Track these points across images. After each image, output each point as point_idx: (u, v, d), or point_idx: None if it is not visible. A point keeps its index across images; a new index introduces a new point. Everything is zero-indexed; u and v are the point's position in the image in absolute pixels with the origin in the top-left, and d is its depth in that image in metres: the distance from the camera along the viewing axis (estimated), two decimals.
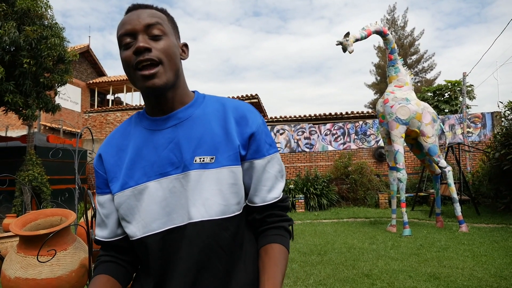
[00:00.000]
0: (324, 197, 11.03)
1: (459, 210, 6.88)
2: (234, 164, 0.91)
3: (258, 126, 0.95)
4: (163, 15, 0.94)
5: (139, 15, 0.90)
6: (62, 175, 10.63)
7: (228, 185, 0.90)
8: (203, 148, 0.91)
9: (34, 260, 1.82)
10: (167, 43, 0.90)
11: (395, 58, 7.11)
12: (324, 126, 12.67)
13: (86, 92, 20.32)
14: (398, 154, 6.85)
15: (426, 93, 16.02)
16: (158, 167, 0.91)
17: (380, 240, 6.19)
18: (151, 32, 0.89)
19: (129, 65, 0.89)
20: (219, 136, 0.92)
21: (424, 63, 29.14)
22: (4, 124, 16.24)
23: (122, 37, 0.89)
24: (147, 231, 0.90)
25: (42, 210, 2.11)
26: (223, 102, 0.99)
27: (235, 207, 0.92)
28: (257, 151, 0.94)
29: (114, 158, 0.97)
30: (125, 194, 0.92)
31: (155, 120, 0.95)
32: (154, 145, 0.93)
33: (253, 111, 0.98)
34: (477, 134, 11.73)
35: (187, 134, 0.92)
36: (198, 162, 0.89)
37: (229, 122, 0.94)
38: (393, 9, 29.81)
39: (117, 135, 1.01)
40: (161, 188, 0.90)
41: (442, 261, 4.74)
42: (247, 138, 0.93)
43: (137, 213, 0.91)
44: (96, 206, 1.03)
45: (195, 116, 0.95)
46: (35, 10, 7.83)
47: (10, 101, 7.63)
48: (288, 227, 0.99)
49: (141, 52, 0.86)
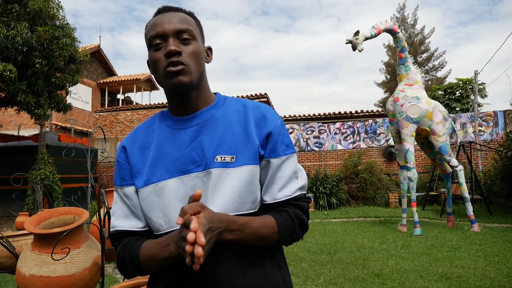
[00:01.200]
0: (333, 196, 11.00)
1: (471, 209, 6.80)
2: (253, 163, 0.94)
3: (276, 126, 0.98)
4: (192, 19, 0.99)
5: (170, 19, 0.94)
6: (73, 173, 10.74)
7: (245, 183, 0.92)
8: (224, 148, 0.93)
9: (48, 258, 1.85)
10: (195, 47, 0.95)
11: (405, 56, 7.05)
12: (333, 125, 12.62)
13: (97, 92, 20.50)
14: (409, 153, 6.79)
15: (437, 91, 15.85)
16: (180, 165, 0.94)
17: (390, 240, 6.15)
18: (181, 36, 0.93)
19: (157, 66, 0.93)
20: (239, 137, 0.95)
21: (434, 61, 28.83)
22: (16, 123, 16.47)
23: (153, 39, 0.94)
24: (170, 226, 0.92)
25: (55, 208, 2.14)
26: (244, 104, 1.02)
27: (249, 205, 0.94)
28: (273, 150, 0.96)
29: (138, 154, 1.00)
30: (147, 190, 0.95)
31: (179, 120, 0.99)
32: (176, 143, 0.96)
33: (272, 112, 1.00)
34: (489, 133, 11.58)
35: (209, 134, 0.95)
36: (219, 161, 0.92)
37: (249, 122, 0.97)
38: (402, 7, 29.54)
39: (140, 132, 1.04)
40: (183, 186, 0.93)
41: (453, 261, 4.70)
42: (264, 137, 0.96)
43: (158, 209, 0.94)
44: (114, 200, 1.04)
45: (217, 117, 0.98)
46: (47, 11, 7.92)
47: (22, 101, 7.73)
48: (293, 214, 0.96)
49: (172, 55, 0.91)
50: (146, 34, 0.98)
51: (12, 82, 7.34)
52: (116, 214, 1.01)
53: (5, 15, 7.51)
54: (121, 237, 0.98)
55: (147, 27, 0.98)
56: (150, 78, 21.99)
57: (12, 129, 16.63)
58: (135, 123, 14.68)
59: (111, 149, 14.37)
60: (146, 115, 14.63)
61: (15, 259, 2.33)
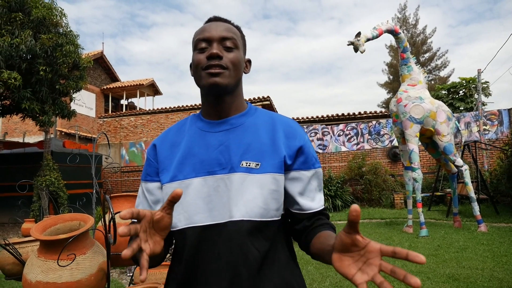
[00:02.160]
0: (338, 198, 10.97)
1: (477, 209, 6.76)
2: (277, 172, 0.98)
3: (305, 141, 1.04)
4: (237, 31, 1.06)
5: (217, 26, 1.02)
6: (78, 179, 10.79)
7: (270, 190, 0.96)
8: (250, 154, 0.99)
9: (54, 264, 1.85)
10: (236, 55, 1.01)
11: (407, 56, 7.03)
12: (337, 127, 12.60)
13: (101, 98, 20.61)
14: (413, 154, 6.77)
15: (440, 91, 15.79)
16: (207, 165, 0.99)
17: (396, 241, 6.12)
18: (225, 44, 1.00)
19: (198, 66, 0.99)
20: (266, 145, 1.00)
21: (437, 60, 28.75)
22: (21, 130, 16.58)
23: (199, 42, 1.01)
24: (189, 223, 0.96)
25: (61, 215, 2.15)
26: (272, 116, 1.08)
27: (274, 212, 0.97)
28: (305, 162, 1.02)
29: (167, 152, 1.06)
30: (173, 186, 1.00)
31: (210, 123, 1.05)
32: (205, 145, 1.02)
33: (300, 128, 1.08)
34: (494, 132, 11.52)
35: (237, 140, 1.01)
36: (244, 166, 0.97)
37: (278, 133, 1.02)
38: (404, 8, 29.51)
39: (171, 132, 1.11)
40: (206, 185, 0.97)
41: (461, 262, 4.66)
42: (295, 150, 1.01)
43: (180, 205, 0.97)
44: (139, 194, 1.09)
45: (247, 124, 1.04)
46: (50, 19, 7.99)
47: (27, 108, 7.79)
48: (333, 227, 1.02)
49: (214, 57, 0.97)
50: (193, 38, 1.05)
51: (16, 89, 7.40)
52: (139, 207, 1.04)
53: (9, 23, 7.58)
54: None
55: (195, 32, 1.05)
56: (153, 83, 22.08)
57: (18, 136, 16.74)
58: (138, 128, 14.73)
59: (115, 154, 14.42)
60: (150, 120, 14.67)
61: (21, 265, 2.34)
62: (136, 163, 14.26)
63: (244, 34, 1.10)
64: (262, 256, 0.94)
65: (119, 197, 2.57)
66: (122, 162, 14.32)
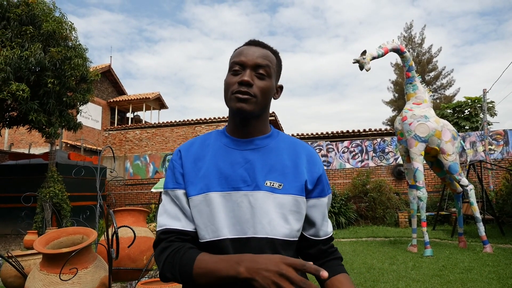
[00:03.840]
0: (342, 216, 10.88)
1: (483, 229, 6.67)
2: (299, 194, 1.03)
3: (323, 169, 1.11)
4: (274, 58, 1.09)
5: (254, 52, 1.04)
6: (81, 192, 10.80)
7: (291, 212, 1.01)
8: (274, 175, 1.03)
9: (56, 278, 1.85)
10: (267, 84, 1.04)
11: (412, 75, 7.06)
12: (341, 144, 12.59)
13: (107, 111, 20.78)
14: (418, 172, 6.73)
15: (446, 110, 15.79)
16: (232, 181, 1.01)
17: (400, 261, 6.04)
18: (258, 71, 1.03)
19: (229, 88, 1.03)
20: (288, 168, 1.05)
21: (442, 79, 28.83)
22: (27, 141, 16.70)
23: (234, 64, 1.04)
24: (216, 236, 0.98)
25: (64, 228, 2.15)
26: (294, 141, 1.14)
27: (296, 233, 1.03)
28: (323, 190, 1.08)
29: (191, 164, 1.07)
30: (198, 199, 1.02)
31: (235, 140, 1.08)
32: (230, 161, 1.04)
33: (319, 156, 1.14)
34: (499, 152, 11.46)
35: (262, 159, 1.05)
36: (268, 185, 1.01)
37: (301, 158, 1.08)
38: (410, 27, 29.77)
39: (196, 144, 1.12)
40: (231, 200, 1.00)
41: (466, 283, 4.59)
42: (316, 178, 1.07)
43: (206, 218, 1.00)
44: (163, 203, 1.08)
45: (271, 146, 1.08)
46: (60, 32, 8.12)
47: (34, 120, 7.86)
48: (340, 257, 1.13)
49: (244, 84, 1.00)
50: (230, 58, 1.08)
51: (24, 101, 7.48)
52: (166, 215, 1.04)
53: (19, 36, 7.72)
54: (170, 235, 1.01)
55: (234, 52, 1.09)
56: (159, 97, 22.26)
57: (23, 147, 16.86)
58: (143, 141, 14.79)
59: (120, 167, 14.46)
60: (155, 134, 14.74)
61: (23, 278, 2.33)
62: (140, 176, 14.28)
63: (281, 59, 1.13)
64: None
65: (123, 211, 2.57)
66: (126, 175, 14.34)
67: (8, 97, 7.25)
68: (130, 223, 2.33)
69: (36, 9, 7.89)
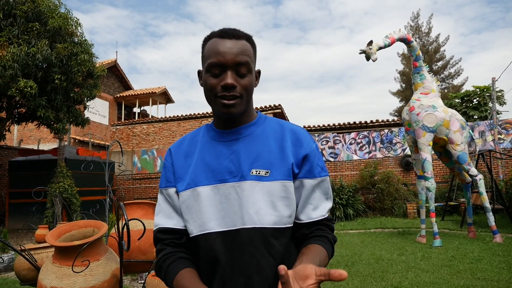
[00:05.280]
0: (350, 207, 10.87)
1: (492, 219, 6.63)
2: (286, 179, 1.00)
3: (312, 149, 1.05)
4: (250, 48, 1.03)
5: (231, 49, 0.97)
6: (90, 186, 10.91)
7: (280, 198, 0.99)
8: (260, 162, 1.01)
9: (69, 270, 1.87)
10: (250, 80, 1.00)
11: (420, 65, 6.99)
12: (348, 135, 12.54)
13: (114, 106, 20.88)
14: (426, 163, 6.69)
15: (454, 99, 15.62)
16: (218, 174, 1.01)
17: (409, 251, 6.03)
18: (239, 70, 0.98)
19: (212, 92, 0.99)
20: (275, 153, 1.02)
21: (450, 69, 28.47)
22: (36, 138, 16.87)
23: (213, 66, 0.98)
24: (203, 229, 0.99)
25: (75, 221, 2.18)
26: (281, 124, 1.10)
27: (287, 219, 1.00)
28: (310, 171, 1.03)
29: (181, 161, 1.09)
30: (187, 194, 1.03)
31: (221, 132, 1.07)
32: (216, 154, 1.04)
33: (308, 136, 1.08)
34: (509, 141, 11.33)
35: (247, 148, 1.03)
36: (254, 174, 0.99)
37: (286, 141, 1.04)
38: (416, 16, 29.37)
39: (186, 142, 1.13)
40: (218, 193, 1.00)
41: (475, 273, 4.57)
42: (301, 158, 1.03)
43: (194, 212, 1.01)
44: (158, 202, 1.11)
45: (256, 133, 1.06)
46: (66, 28, 8.16)
47: (42, 116, 7.93)
48: (332, 239, 1.04)
49: (228, 88, 0.97)
50: (205, 56, 1.01)
51: (32, 97, 7.55)
52: (160, 214, 1.08)
53: (26, 33, 7.76)
54: (165, 236, 1.05)
55: (207, 48, 1.01)
56: (165, 92, 22.31)
57: (32, 143, 17.03)
58: (151, 136, 14.86)
59: (127, 162, 14.56)
60: (162, 128, 14.80)
61: (36, 271, 2.37)
62: (148, 171, 14.37)
63: (255, 42, 1.08)
64: (278, 263, 0.95)
65: (132, 204, 2.59)
66: (134, 169, 14.44)
67: (17, 93, 7.32)
68: (139, 216, 2.35)
69: (41, 6, 7.92)
